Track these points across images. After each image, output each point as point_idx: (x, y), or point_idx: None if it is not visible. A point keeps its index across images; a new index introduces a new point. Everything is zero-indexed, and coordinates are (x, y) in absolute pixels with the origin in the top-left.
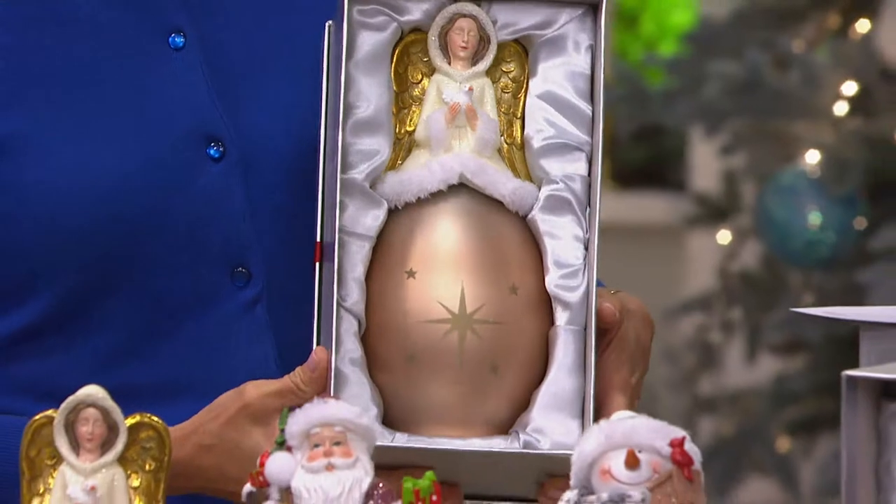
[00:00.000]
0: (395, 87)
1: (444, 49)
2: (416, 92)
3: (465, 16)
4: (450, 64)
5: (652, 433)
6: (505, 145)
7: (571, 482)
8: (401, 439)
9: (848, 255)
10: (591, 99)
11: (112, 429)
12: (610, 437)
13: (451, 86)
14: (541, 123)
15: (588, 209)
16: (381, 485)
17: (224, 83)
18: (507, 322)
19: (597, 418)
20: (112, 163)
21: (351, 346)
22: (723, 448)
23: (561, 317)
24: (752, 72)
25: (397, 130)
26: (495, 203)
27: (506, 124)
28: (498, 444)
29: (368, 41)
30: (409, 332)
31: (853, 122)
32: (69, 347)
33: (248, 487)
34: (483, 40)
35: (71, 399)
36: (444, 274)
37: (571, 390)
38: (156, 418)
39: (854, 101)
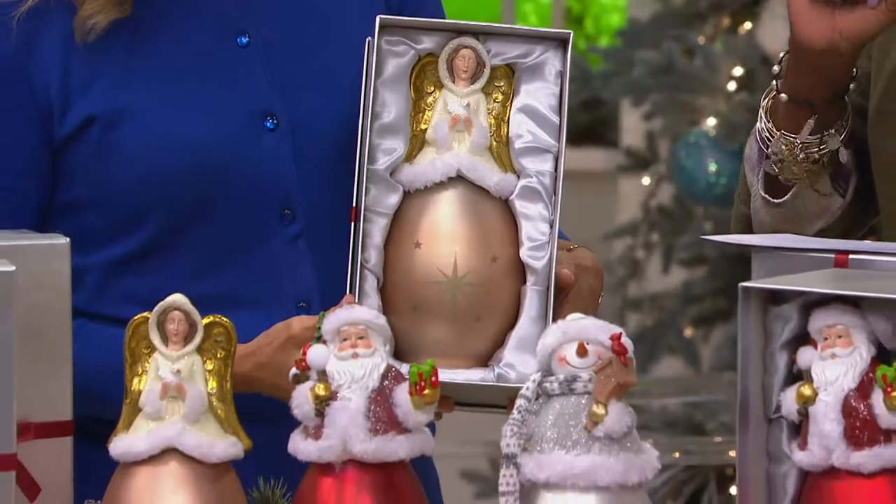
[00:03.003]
0: (413, 96)
1: (450, 70)
2: (430, 100)
3: (466, 47)
4: (454, 82)
5: (597, 329)
6: (495, 143)
7: (536, 367)
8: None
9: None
10: (559, 112)
11: (192, 326)
12: (566, 333)
13: (454, 100)
14: (521, 130)
15: (553, 197)
16: (393, 369)
17: (278, 72)
18: (488, 284)
19: None
20: (195, 131)
21: (371, 298)
22: (644, 336)
23: (530, 279)
24: (668, 59)
25: (413, 128)
26: (484, 191)
27: (496, 128)
28: (478, 374)
29: (392, 64)
30: (415, 289)
31: (740, 96)
32: (163, 268)
33: (293, 371)
34: (480, 65)
35: (161, 304)
36: (442, 246)
37: (535, 335)
38: (225, 319)
39: (741, 81)
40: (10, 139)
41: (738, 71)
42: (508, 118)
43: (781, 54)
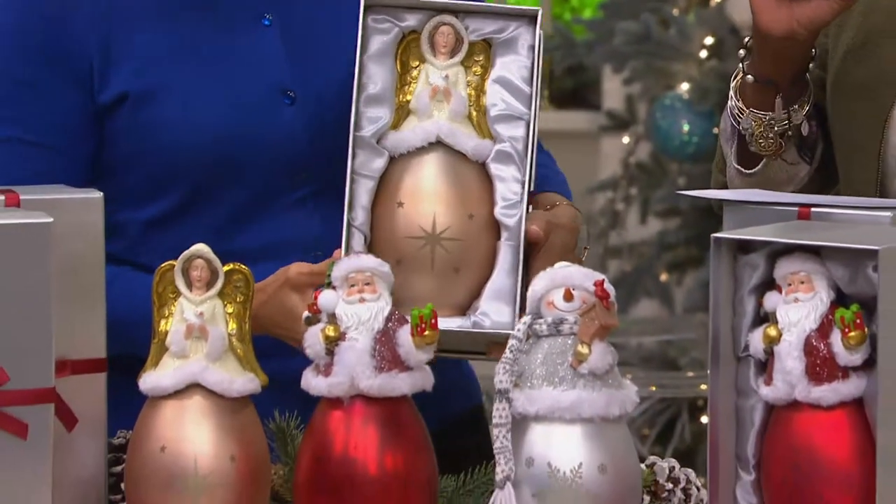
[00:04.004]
0: (398, 70)
1: (432, 46)
2: (414, 73)
3: (445, 24)
4: (435, 56)
5: (582, 276)
6: (474, 112)
7: (527, 310)
8: None
9: (707, 152)
10: (531, 83)
11: (214, 273)
12: (553, 280)
13: (434, 72)
14: (496, 99)
15: (525, 160)
16: (396, 312)
17: (297, 51)
18: (465, 239)
19: (524, 306)
20: (221, 109)
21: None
22: (624, 281)
23: (503, 235)
24: (645, 29)
25: (399, 100)
26: (462, 156)
27: (475, 98)
28: (456, 322)
29: (378, 40)
30: (398, 245)
31: (711, 63)
32: (192, 225)
33: (306, 313)
34: (458, 40)
35: (185, 252)
36: (422, 205)
37: (508, 286)
38: (243, 266)
39: (712, 49)
40: (53, 97)
41: (709, 40)
42: (486, 89)
43: (746, 39)
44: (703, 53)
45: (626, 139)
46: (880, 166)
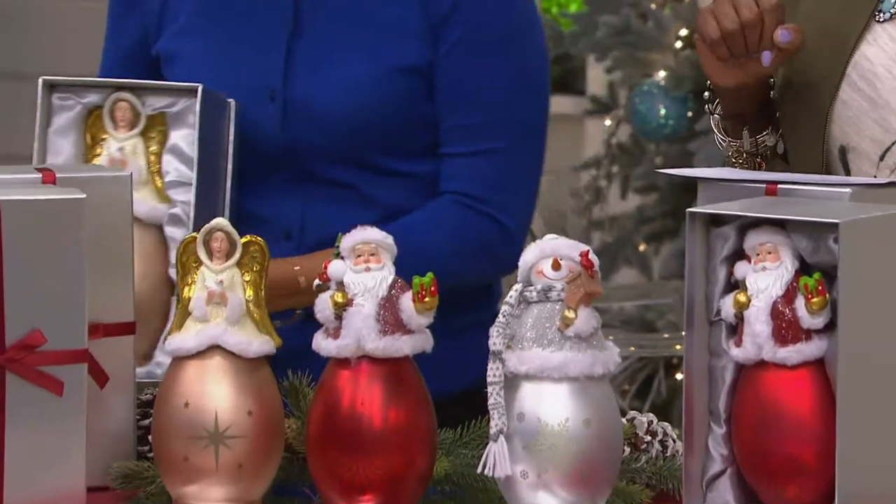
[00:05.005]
0: (88, 141)
1: (113, 119)
2: (99, 149)
3: (122, 100)
4: (116, 129)
5: (568, 247)
6: (158, 179)
7: (518, 278)
8: None
9: (682, 134)
10: (197, 150)
11: (232, 244)
12: (542, 251)
13: (113, 144)
14: (169, 167)
15: (191, 220)
16: (399, 280)
17: (296, 57)
18: (140, 293)
19: None
20: (219, 89)
21: None
22: (606, 251)
23: (175, 291)
24: (626, 22)
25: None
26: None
27: (156, 165)
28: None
29: (64, 116)
30: None
31: (685, 53)
32: None
33: (317, 281)
34: (136, 115)
35: (206, 226)
36: None
37: None
38: (259, 238)
39: (686, 40)
40: (121, 33)
41: (683, 32)
42: (162, 157)
43: (708, 82)
44: (679, 44)
45: (608, 122)
46: (824, 155)
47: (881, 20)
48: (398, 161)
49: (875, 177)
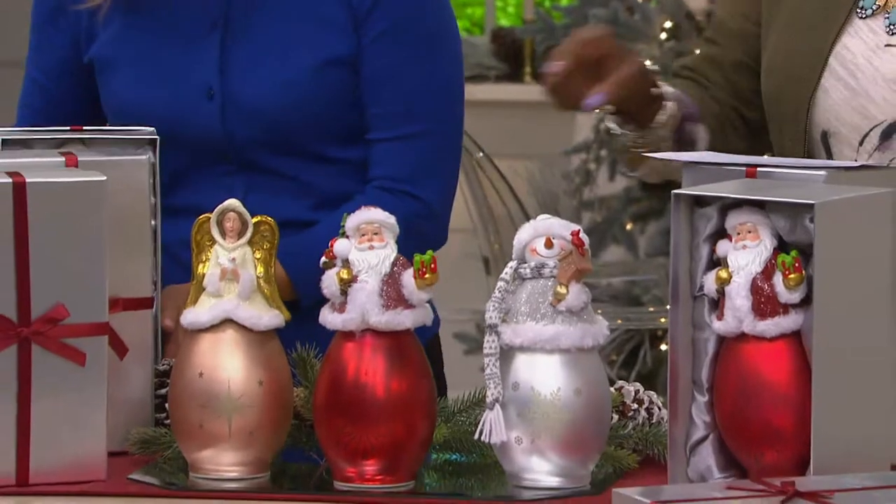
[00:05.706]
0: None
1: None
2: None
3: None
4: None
5: (560, 227)
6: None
7: (513, 256)
8: None
9: None
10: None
11: (244, 224)
12: (536, 230)
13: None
14: None
15: None
16: (401, 258)
17: (230, 56)
18: None
19: None
20: (157, 91)
21: None
22: (595, 230)
23: None
24: (613, 14)
25: None
26: None
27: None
28: None
29: None
30: None
31: (669, 44)
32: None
33: (323, 259)
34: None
35: (220, 206)
36: None
37: None
38: (270, 218)
39: (670, 31)
40: (48, 43)
41: (668, 24)
42: None
43: None
44: (663, 35)
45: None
46: (807, 139)
47: (862, 16)
48: (335, 149)
49: (855, 160)
